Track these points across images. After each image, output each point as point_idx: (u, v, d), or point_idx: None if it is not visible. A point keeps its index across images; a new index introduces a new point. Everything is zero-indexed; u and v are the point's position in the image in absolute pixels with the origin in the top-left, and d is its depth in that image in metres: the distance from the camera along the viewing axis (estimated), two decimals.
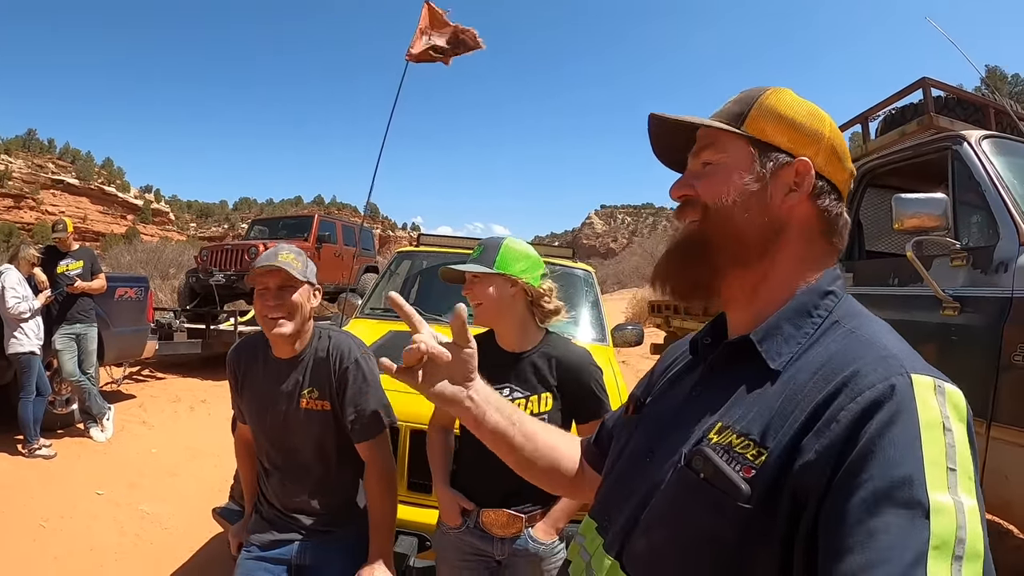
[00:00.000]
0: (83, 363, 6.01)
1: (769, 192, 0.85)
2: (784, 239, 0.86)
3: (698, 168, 0.92)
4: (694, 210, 0.90)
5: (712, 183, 0.88)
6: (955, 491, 0.60)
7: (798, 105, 0.89)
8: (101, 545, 3.92)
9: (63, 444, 5.75)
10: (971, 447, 0.65)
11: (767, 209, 0.85)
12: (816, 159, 0.86)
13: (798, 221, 0.86)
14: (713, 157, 0.89)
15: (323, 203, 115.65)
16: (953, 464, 0.62)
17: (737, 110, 0.90)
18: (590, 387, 1.99)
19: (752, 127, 0.88)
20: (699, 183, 0.90)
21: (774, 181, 0.86)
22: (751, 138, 0.87)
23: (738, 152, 0.88)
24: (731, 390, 0.81)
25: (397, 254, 5.22)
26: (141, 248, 27.38)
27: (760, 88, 0.92)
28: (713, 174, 0.89)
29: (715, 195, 0.87)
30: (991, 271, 2.80)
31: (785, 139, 0.87)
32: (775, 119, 0.88)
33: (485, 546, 1.93)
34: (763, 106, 0.89)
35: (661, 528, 0.79)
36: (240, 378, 2.06)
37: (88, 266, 6.19)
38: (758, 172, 0.86)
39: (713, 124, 0.89)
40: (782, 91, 0.90)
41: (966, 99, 3.92)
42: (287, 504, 2.03)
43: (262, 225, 14.93)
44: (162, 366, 9.92)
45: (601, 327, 4.09)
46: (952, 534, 0.58)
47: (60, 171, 72.82)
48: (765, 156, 0.87)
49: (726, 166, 0.88)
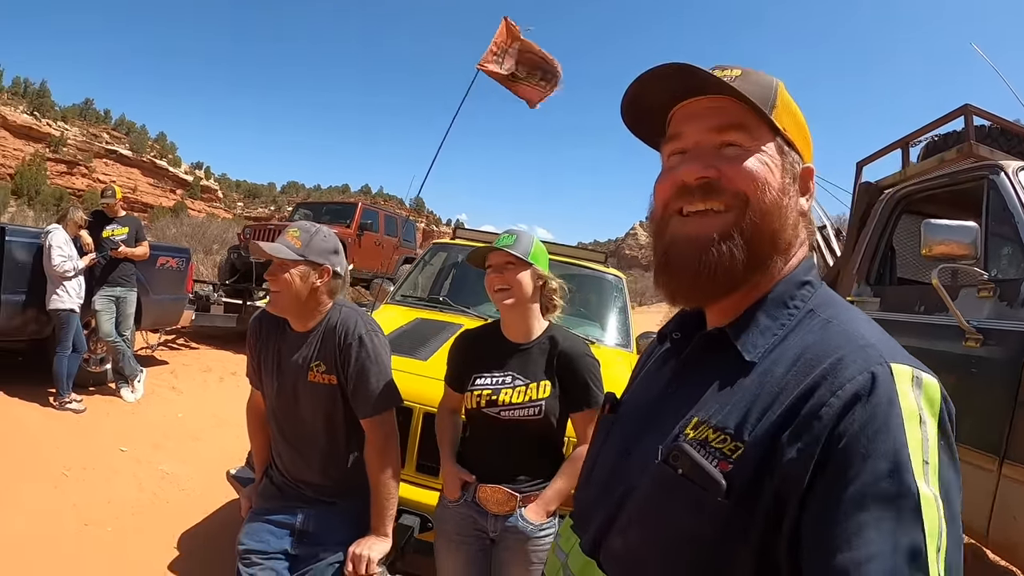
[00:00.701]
0: (120, 325, 6.20)
1: (796, 195, 0.83)
2: (796, 242, 0.84)
3: (713, 145, 0.82)
4: (723, 196, 0.79)
5: (749, 172, 0.79)
6: (929, 484, 0.60)
7: (796, 105, 0.85)
8: (119, 498, 4.06)
9: (93, 400, 5.94)
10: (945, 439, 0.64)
11: (794, 211, 0.82)
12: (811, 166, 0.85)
13: (801, 225, 0.85)
14: (744, 141, 0.80)
15: (370, 193, 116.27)
16: (927, 458, 0.61)
17: (759, 93, 0.81)
18: (585, 378, 2.03)
19: (780, 119, 0.82)
20: (728, 167, 0.79)
21: (798, 183, 0.83)
22: (779, 131, 0.82)
23: (768, 143, 0.81)
24: (707, 384, 0.79)
25: (433, 245, 5.28)
26: (187, 222, 27.93)
27: (765, 74, 0.84)
28: (746, 160, 0.80)
29: (757, 186, 0.79)
30: (1018, 304, 2.73)
31: (800, 140, 0.84)
32: (790, 116, 0.83)
33: (481, 520, 1.99)
34: (783, 98, 0.83)
35: (639, 526, 0.78)
36: (259, 345, 2.13)
37: (133, 233, 6.39)
38: (789, 171, 0.82)
39: (756, 104, 0.79)
40: (784, 85, 0.85)
41: (1010, 129, 3.83)
42: (294, 473, 2.10)
43: (307, 208, 15.16)
44: (197, 336, 10.14)
45: (627, 333, 4.11)
46: (937, 525, 0.58)
47: (114, 141, 74.19)
48: (787, 155, 0.82)
49: (759, 155, 0.80)
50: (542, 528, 1.95)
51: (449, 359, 2.20)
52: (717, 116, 0.81)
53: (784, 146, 0.82)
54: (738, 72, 0.82)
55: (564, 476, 1.98)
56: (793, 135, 0.83)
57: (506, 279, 2.00)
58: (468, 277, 4.83)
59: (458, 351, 2.18)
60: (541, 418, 1.97)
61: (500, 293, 2.01)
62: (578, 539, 0.88)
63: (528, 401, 1.97)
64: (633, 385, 1.04)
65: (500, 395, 1.98)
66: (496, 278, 2.01)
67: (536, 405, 1.97)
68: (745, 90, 0.79)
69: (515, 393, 1.98)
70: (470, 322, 3.66)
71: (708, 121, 0.82)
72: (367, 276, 12.79)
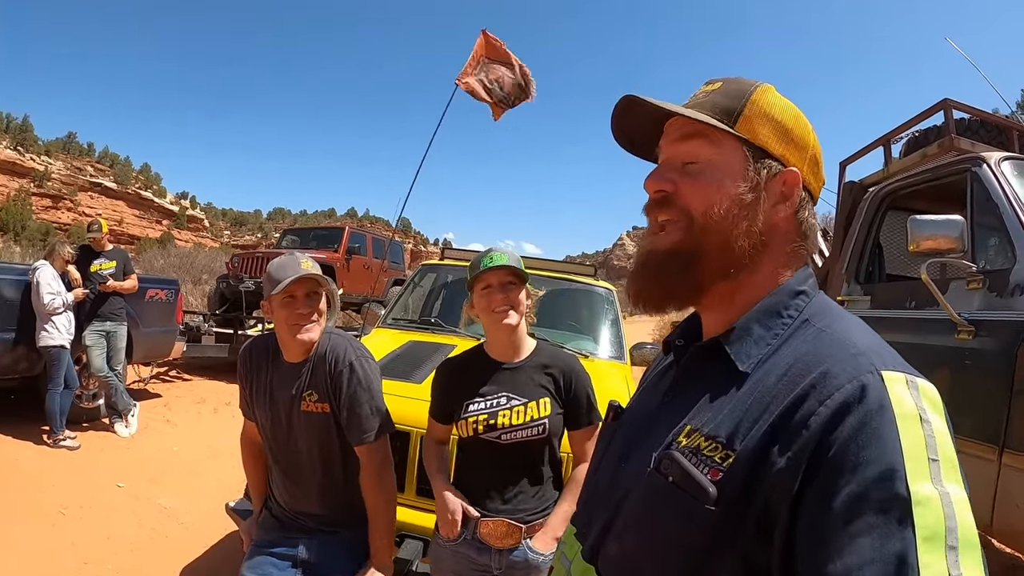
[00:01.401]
0: (111, 360, 6.16)
1: (761, 202, 0.81)
2: (768, 250, 0.83)
3: (677, 160, 0.85)
4: (672, 210, 0.83)
5: (700, 188, 0.82)
6: (939, 481, 0.59)
7: (787, 108, 0.84)
8: (118, 535, 4.00)
9: (87, 437, 5.88)
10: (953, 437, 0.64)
11: (757, 221, 0.81)
12: (802, 169, 0.84)
13: (780, 232, 0.84)
14: (702, 152, 0.83)
15: (356, 216, 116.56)
16: (935, 455, 0.61)
17: (728, 105, 0.83)
18: (583, 394, 2.01)
19: (746, 128, 0.82)
20: (683, 183, 0.83)
21: (766, 191, 0.82)
22: (744, 140, 0.82)
23: (730, 154, 0.82)
24: (701, 393, 0.80)
25: (422, 267, 5.28)
26: (175, 253, 27.89)
27: (746, 81, 0.86)
28: (700, 176, 0.82)
29: (704, 202, 0.81)
30: (1007, 295, 2.75)
31: (777, 145, 0.83)
32: (768, 122, 0.83)
33: (482, 559, 1.92)
34: (756, 105, 0.83)
35: (633, 533, 0.79)
36: (250, 375, 2.11)
37: (121, 266, 6.36)
38: (752, 180, 0.81)
39: (704, 119, 0.81)
40: (769, 89, 0.85)
41: (989, 121, 3.88)
42: (293, 505, 2.08)
43: (293, 235, 15.15)
44: (189, 368, 10.07)
45: (620, 345, 4.12)
46: (941, 524, 0.57)
47: (98, 174, 74.16)
48: (759, 162, 0.82)
49: (716, 168, 0.82)
50: (552, 557, 1.90)
51: (433, 391, 2.13)
52: (680, 129, 0.85)
53: (750, 155, 0.82)
54: (718, 85, 0.86)
55: (568, 499, 1.94)
56: (770, 142, 0.83)
57: (510, 298, 1.97)
58: (457, 297, 4.83)
59: (443, 381, 2.11)
60: (544, 437, 1.93)
61: (501, 313, 1.96)
62: (580, 546, 0.88)
63: (530, 421, 1.92)
64: (636, 393, 1.05)
65: (498, 418, 1.92)
66: (501, 298, 1.96)
67: (539, 424, 1.92)
68: (713, 103, 0.83)
69: (514, 414, 1.92)
70: (463, 342, 3.65)
71: (675, 135, 0.86)
72: (357, 300, 12.78)
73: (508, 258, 1.99)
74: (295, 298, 1.94)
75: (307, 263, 1.96)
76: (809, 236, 0.87)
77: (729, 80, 0.86)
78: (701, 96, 0.86)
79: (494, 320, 1.97)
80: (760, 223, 0.81)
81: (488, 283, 1.98)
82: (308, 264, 1.96)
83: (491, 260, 1.97)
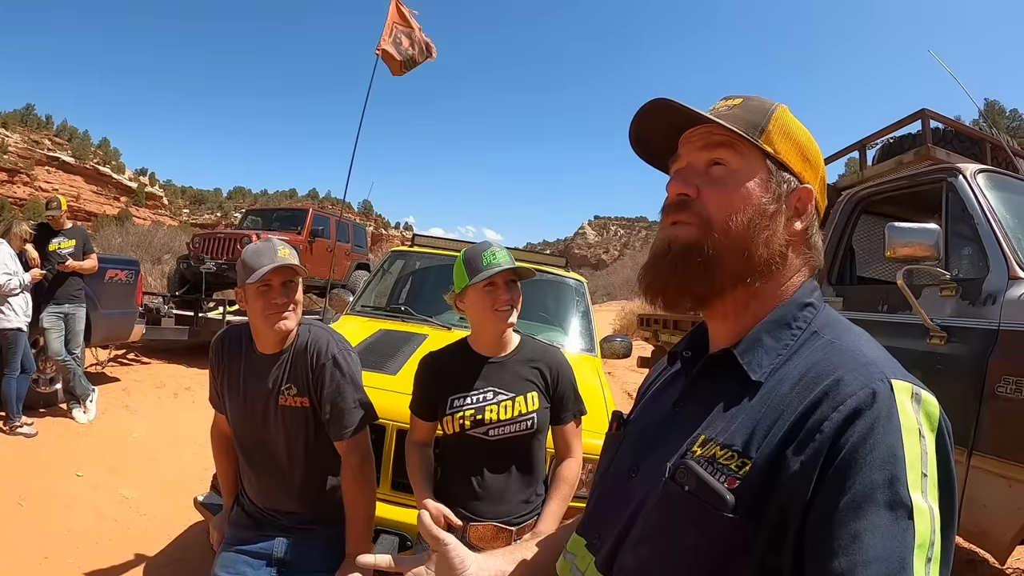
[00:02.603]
0: (69, 343, 5.97)
1: (781, 216, 0.84)
2: (784, 261, 0.85)
3: (702, 166, 0.87)
4: (689, 213, 0.85)
5: (724, 195, 0.84)
6: (927, 496, 0.62)
7: (803, 130, 0.88)
8: (79, 527, 3.90)
9: (45, 423, 5.71)
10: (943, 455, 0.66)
11: (777, 234, 0.84)
12: (815, 187, 0.87)
13: (795, 245, 0.86)
14: (729, 159, 0.85)
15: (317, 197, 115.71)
16: (926, 470, 0.63)
17: (753, 120, 0.85)
18: (569, 389, 2.00)
19: (770, 142, 0.85)
20: (706, 189, 0.85)
21: (786, 204, 0.85)
22: (768, 154, 0.85)
23: (755, 165, 0.85)
24: (714, 403, 0.81)
25: (391, 253, 5.21)
26: (133, 231, 27.20)
27: (765, 100, 0.89)
28: (725, 183, 0.85)
29: (727, 208, 0.83)
30: (979, 303, 2.84)
31: (796, 162, 0.86)
32: (788, 140, 0.86)
33: None
34: (778, 122, 0.86)
35: (649, 543, 0.79)
36: (222, 367, 2.05)
37: (80, 245, 6.14)
38: (775, 192, 0.84)
39: (736, 130, 0.83)
40: (787, 109, 0.89)
41: (964, 132, 3.96)
42: (267, 502, 2.03)
43: (256, 215, 14.78)
44: (148, 351, 9.86)
45: (591, 337, 4.11)
46: (929, 535, 0.60)
47: (56, 148, 72.14)
48: (779, 177, 0.85)
49: (741, 177, 0.84)
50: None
51: (416, 386, 2.07)
52: (707, 138, 0.86)
53: (774, 168, 0.85)
54: (738, 100, 0.88)
55: (556, 498, 1.93)
56: (788, 157, 0.86)
57: (513, 297, 1.96)
58: (426, 285, 4.79)
59: (426, 376, 2.05)
60: (532, 432, 1.91)
61: (506, 312, 1.94)
62: (593, 558, 0.88)
63: (518, 416, 1.90)
64: (641, 403, 1.06)
65: (486, 413, 1.89)
66: (506, 298, 1.94)
67: (528, 419, 1.90)
68: (736, 116, 0.85)
69: (501, 409, 1.90)
70: (434, 331, 3.63)
71: (699, 143, 0.87)
72: (320, 283, 12.63)
73: (508, 256, 1.97)
74: (271, 287, 1.88)
75: (284, 250, 1.90)
76: (816, 249, 0.90)
77: (750, 97, 0.89)
78: (723, 109, 0.88)
79: (497, 318, 1.94)
80: (779, 237, 0.84)
81: (493, 281, 1.94)
82: (285, 251, 1.90)
83: (494, 257, 1.94)
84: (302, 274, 1.93)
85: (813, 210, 0.87)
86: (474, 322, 2.03)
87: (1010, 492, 2.54)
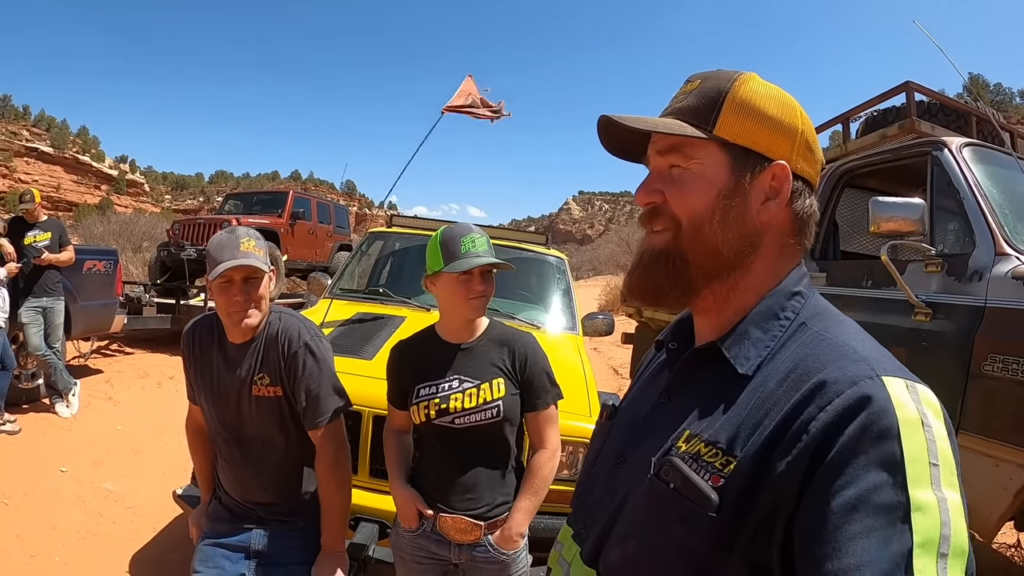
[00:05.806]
0: (49, 337, 5.89)
1: (748, 203, 0.80)
2: (760, 249, 0.82)
3: (665, 169, 0.84)
4: (663, 219, 0.83)
5: (684, 195, 0.82)
6: (938, 487, 0.60)
7: (769, 95, 0.81)
8: (64, 524, 3.85)
9: (28, 419, 5.65)
10: (951, 442, 0.65)
11: (745, 222, 0.80)
12: (792, 158, 0.81)
13: (774, 229, 0.82)
14: (682, 163, 0.82)
15: (300, 179, 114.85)
16: (936, 460, 0.61)
17: (703, 106, 0.81)
18: (541, 375, 1.95)
19: (725, 129, 0.80)
20: (669, 191, 0.83)
21: (752, 191, 0.80)
22: (724, 142, 0.80)
23: (711, 159, 0.81)
24: (699, 397, 0.80)
25: (369, 234, 5.15)
26: (114, 219, 27.03)
27: (724, 75, 0.83)
28: (683, 183, 0.82)
29: (689, 209, 0.81)
30: (965, 279, 2.80)
31: (761, 139, 0.80)
32: (748, 116, 0.80)
33: (441, 551, 1.88)
34: (734, 101, 0.80)
35: (634, 538, 0.78)
36: (195, 357, 2.01)
37: (56, 238, 6.04)
38: (736, 182, 0.80)
39: (675, 132, 0.80)
40: (750, 78, 0.82)
41: (949, 105, 3.92)
42: (244, 494, 2.00)
43: (236, 199, 14.60)
44: (130, 341, 9.77)
45: (572, 315, 4.10)
46: (937, 531, 0.58)
47: (34, 139, 71.14)
48: (742, 162, 0.80)
49: (697, 177, 0.81)
50: (517, 552, 1.89)
51: (388, 376, 2.04)
52: (663, 140, 0.84)
53: (734, 156, 0.80)
54: (696, 84, 0.84)
55: (528, 493, 1.89)
56: (751, 137, 0.80)
57: (488, 289, 1.92)
58: (406, 266, 4.76)
59: (396, 365, 2.02)
60: (499, 420, 1.86)
61: (479, 300, 1.90)
62: (579, 549, 0.88)
63: (483, 404, 1.85)
64: (631, 391, 1.04)
65: (450, 402, 1.85)
66: (481, 288, 1.90)
67: (493, 406, 1.85)
68: (689, 107, 0.82)
69: (466, 397, 1.85)
70: (412, 314, 3.62)
71: (659, 145, 0.85)
72: (302, 266, 12.54)
73: (488, 243, 1.93)
74: (232, 283, 1.83)
75: (247, 243, 1.84)
76: (808, 228, 0.85)
77: (708, 77, 0.84)
78: (680, 98, 0.85)
79: (469, 308, 1.90)
80: (749, 225, 0.81)
81: (468, 270, 1.88)
82: (249, 244, 1.84)
83: (473, 245, 1.89)
84: (261, 273, 1.86)
85: (792, 184, 0.81)
86: (443, 307, 1.99)
87: (996, 471, 2.52)
